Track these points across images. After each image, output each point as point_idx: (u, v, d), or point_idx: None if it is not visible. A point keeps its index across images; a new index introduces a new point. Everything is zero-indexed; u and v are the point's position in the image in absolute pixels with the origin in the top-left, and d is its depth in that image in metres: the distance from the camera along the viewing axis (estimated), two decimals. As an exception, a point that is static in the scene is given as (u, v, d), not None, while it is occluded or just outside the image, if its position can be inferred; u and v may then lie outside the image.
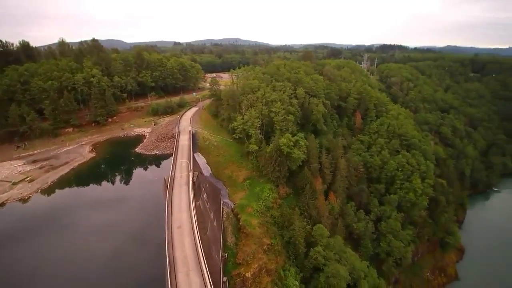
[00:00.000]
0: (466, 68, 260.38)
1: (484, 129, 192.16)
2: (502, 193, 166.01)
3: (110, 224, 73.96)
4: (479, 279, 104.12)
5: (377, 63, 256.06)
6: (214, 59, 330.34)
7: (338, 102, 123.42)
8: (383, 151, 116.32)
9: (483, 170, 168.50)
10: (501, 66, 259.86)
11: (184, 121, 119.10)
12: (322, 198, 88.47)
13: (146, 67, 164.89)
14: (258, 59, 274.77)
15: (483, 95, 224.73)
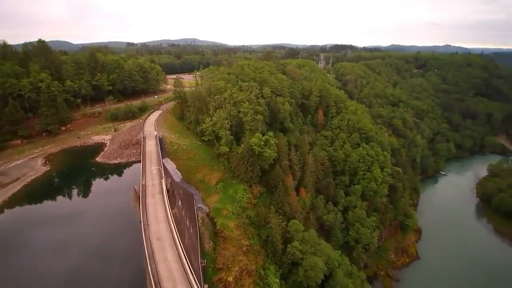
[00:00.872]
0: (411, 65, 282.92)
1: (430, 120, 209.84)
2: (448, 176, 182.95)
3: (67, 241, 67.74)
4: (437, 255, 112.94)
5: (332, 62, 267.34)
6: (173, 60, 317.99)
7: (301, 100, 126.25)
8: (345, 145, 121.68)
9: (431, 156, 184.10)
10: (440, 62, 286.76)
11: (148, 125, 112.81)
12: (293, 194, 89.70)
13: (101, 69, 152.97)
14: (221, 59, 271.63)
15: (426, 89, 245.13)
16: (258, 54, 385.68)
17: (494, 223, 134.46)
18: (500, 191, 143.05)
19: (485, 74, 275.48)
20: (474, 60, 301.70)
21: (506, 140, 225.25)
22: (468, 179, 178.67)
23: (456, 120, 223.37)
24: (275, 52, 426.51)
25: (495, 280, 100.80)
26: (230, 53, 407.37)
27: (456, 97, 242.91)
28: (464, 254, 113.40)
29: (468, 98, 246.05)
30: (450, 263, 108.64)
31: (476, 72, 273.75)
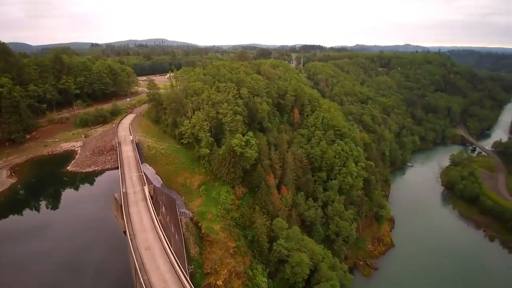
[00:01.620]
0: (376, 64, 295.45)
1: (395, 115, 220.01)
2: (414, 167, 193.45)
3: (36, 255, 62.61)
4: (409, 241, 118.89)
5: (303, 62, 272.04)
6: (143, 61, 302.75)
7: (277, 99, 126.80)
8: (321, 142, 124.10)
9: (398, 149, 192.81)
10: (402, 60, 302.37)
11: (122, 130, 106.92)
12: (275, 192, 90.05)
13: (67, 72, 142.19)
14: (193, 59, 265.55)
15: (391, 86, 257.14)
16: (230, 54, 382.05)
17: (458, 208, 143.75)
18: (463, 179, 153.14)
19: (443, 71, 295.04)
20: (433, 58, 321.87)
21: (464, 131, 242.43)
22: (433, 169, 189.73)
23: (419, 115, 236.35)
24: (247, 52, 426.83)
25: (463, 260, 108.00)
26: (202, 53, 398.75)
27: (418, 93, 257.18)
28: (433, 239, 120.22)
29: (429, 93, 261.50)
30: (421, 248, 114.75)
31: (435, 69, 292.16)
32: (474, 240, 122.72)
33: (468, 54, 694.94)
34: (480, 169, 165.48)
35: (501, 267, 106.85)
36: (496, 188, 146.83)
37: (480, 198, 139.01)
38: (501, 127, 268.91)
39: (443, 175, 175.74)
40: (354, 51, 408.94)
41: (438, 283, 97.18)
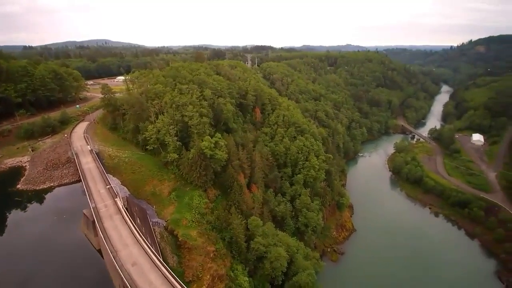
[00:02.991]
0: (324, 63, 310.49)
1: (345, 110, 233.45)
2: (365, 156, 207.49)
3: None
4: (368, 224, 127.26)
5: (257, 62, 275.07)
6: (87, 63, 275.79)
7: (239, 100, 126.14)
8: (284, 139, 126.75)
9: (350, 141, 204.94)
10: (347, 60, 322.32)
11: (77, 140, 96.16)
12: (247, 191, 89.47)
13: (6, 78, 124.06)
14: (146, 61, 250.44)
15: (339, 84, 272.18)
16: (182, 55, 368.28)
17: (405, 190, 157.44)
18: (407, 164, 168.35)
19: (383, 68, 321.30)
20: (373, 57, 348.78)
21: (404, 121, 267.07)
22: (381, 157, 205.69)
23: (365, 109, 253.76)
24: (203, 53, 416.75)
25: (413, 235, 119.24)
26: (153, 54, 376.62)
27: (363, 89, 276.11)
28: (387, 219, 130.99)
29: (371, 89, 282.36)
30: (378, 228, 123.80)
31: (375, 67, 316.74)
32: (421, 217, 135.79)
33: (401, 52, 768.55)
34: (420, 154, 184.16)
35: (446, 238, 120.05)
36: (436, 169, 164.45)
37: (423, 180, 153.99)
38: (434, 116, 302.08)
39: (390, 161, 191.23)
40: (303, 51, 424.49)
41: (395, 258, 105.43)
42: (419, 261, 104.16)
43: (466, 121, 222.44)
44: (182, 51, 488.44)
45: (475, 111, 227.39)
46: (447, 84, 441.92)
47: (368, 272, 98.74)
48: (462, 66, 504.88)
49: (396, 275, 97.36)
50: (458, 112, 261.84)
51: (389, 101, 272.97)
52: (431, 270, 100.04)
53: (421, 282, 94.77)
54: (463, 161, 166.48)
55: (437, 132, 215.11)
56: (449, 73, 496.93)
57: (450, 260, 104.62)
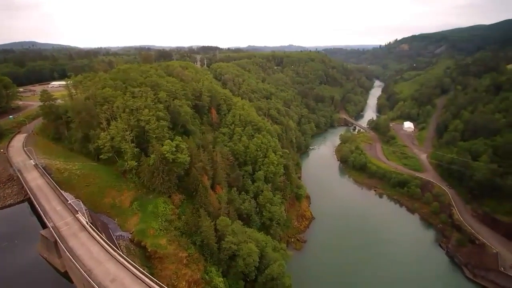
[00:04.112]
0: (271, 63, 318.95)
1: (294, 107, 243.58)
2: (315, 149, 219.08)
3: None
4: (324, 211, 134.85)
5: (207, 63, 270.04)
6: (14, 68, 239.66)
7: (194, 101, 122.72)
8: (242, 138, 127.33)
9: (301, 136, 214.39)
10: (292, 59, 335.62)
11: (17, 154, 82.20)
12: (212, 193, 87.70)
13: None
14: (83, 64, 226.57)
15: (286, 82, 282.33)
16: (123, 56, 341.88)
17: (353, 176, 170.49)
18: (352, 153, 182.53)
19: (324, 66, 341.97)
20: (314, 56, 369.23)
21: (346, 114, 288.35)
22: (329, 148, 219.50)
23: (312, 105, 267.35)
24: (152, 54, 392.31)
25: (363, 215, 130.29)
26: (90, 56, 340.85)
27: (308, 86, 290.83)
28: (340, 203, 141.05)
29: (316, 86, 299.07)
30: (333, 213, 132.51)
31: (317, 65, 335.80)
32: (368, 199, 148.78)
33: (338, 51, 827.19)
34: (362, 143, 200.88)
35: (391, 215, 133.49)
36: (376, 155, 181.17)
37: (367, 166, 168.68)
38: (370, 108, 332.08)
39: (337, 152, 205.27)
40: (249, 52, 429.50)
41: (350, 238, 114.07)
42: (371, 238, 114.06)
43: (397, 111, 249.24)
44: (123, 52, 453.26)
45: (404, 102, 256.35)
46: (379, 79, 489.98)
47: (328, 255, 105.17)
48: (390, 63, 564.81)
49: (353, 253, 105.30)
50: (390, 103, 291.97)
51: (332, 97, 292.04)
52: (382, 245, 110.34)
53: (374, 257, 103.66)
54: (398, 146, 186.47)
55: (374, 122, 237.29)
56: (380, 69, 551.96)
57: (397, 234, 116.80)
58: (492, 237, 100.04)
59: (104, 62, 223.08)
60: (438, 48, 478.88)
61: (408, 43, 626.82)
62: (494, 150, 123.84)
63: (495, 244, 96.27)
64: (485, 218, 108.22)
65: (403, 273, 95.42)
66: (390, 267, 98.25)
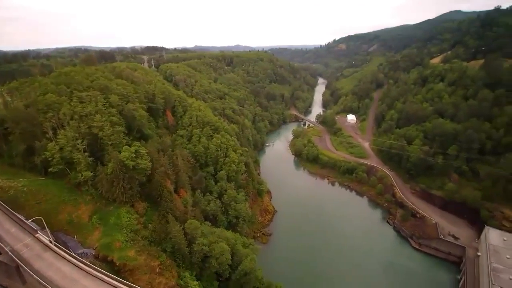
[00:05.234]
0: (222, 63, 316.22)
1: (248, 106, 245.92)
2: (270, 146, 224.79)
3: None
4: (285, 203, 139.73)
5: (154, 64, 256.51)
6: None
7: (148, 104, 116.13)
8: (201, 139, 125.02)
9: (256, 134, 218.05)
10: (241, 59, 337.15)
11: None
12: (177, 197, 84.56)
13: None
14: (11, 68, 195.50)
15: (238, 82, 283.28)
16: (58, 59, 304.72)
17: (307, 168, 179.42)
18: (305, 146, 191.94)
19: (272, 65, 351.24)
20: (263, 56, 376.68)
21: (296, 111, 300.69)
22: (283, 144, 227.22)
23: (264, 103, 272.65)
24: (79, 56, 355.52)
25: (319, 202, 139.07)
26: (19, 60, 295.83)
27: (259, 85, 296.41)
28: (298, 194, 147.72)
29: (266, 85, 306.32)
30: (293, 204, 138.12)
31: (266, 65, 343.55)
32: (322, 187, 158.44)
33: (283, 51, 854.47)
34: (313, 136, 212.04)
35: (343, 200, 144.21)
36: (326, 147, 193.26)
37: (319, 157, 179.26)
38: (317, 103, 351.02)
39: (291, 146, 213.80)
40: (199, 52, 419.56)
41: (310, 225, 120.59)
42: (328, 222, 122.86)
43: (341, 105, 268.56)
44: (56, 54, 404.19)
45: (346, 96, 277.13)
46: (322, 77, 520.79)
47: (292, 243, 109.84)
48: (331, 61, 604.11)
49: (314, 238, 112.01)
50: (334, 98, 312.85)
51: (282, 94, 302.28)
52: (338, 227, 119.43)
53: (332, 238, 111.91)
54: (344, 137, 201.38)
55: (322, 117, 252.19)
56: (322, 67, 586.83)
57: (350, 216, 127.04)
58: (430, 210, 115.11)
59: (37, 65, 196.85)
60: (371, 47, 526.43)
61: (345, 42, 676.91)
62: (425, 134, 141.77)
63: (433, 216, 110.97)
64: (422, 194, 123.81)
65: (358, 250, 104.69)
66: (346, 246, 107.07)
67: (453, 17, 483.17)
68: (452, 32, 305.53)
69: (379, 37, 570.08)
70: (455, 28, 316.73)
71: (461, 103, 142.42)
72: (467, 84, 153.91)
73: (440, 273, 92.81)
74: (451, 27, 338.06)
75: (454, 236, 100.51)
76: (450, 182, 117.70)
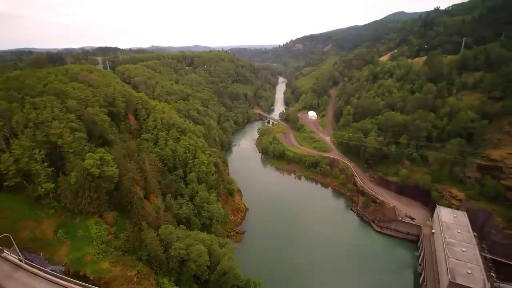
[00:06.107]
0: (182, 63, 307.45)
1: (212, 106, 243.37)
2: (237, 145, 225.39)
3: None
4: (255, 200, 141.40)
5: (110, 65, 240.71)
6: None
7: (108, 108, 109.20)
8: (168, 142, 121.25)
9: (222, 134, 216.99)
10: (202, 59, 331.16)
11: None
12: (147, 203, 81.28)
13: None
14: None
15: (201, 82, 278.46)
16: None
17: (274, 165, 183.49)
18: (271, 143, 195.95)
19: (234, 65, 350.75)
20: (224, 56, 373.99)
21: (259, 109, 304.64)
22: (250, 142, 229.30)
23: (228, 103, 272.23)
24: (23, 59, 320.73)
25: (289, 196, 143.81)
26: None
27: (222, 85, 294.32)
28: (267, 190, 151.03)
29: (229, 85, 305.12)
30: (263, 200, 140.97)
31: (227, 65, 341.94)
32: (290, 182, 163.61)
33: (242, 51, 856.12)
34: (278, 133, 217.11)
35: (310, 192, 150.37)
36: (291, 143, 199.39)
37: (285, 153, 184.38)
38: (279, 102, 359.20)
39: (258, 144, 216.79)
40: (157, 52, 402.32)
41: (281, 218, 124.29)
42: (297, 214, 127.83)
43: (302, 103, 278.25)
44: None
45: (306, 94, 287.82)
46: (282, 76, 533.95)
47: (265, 238, 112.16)
48: (289, 60, 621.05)
49: (285, 230, 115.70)
50: (295, 96, 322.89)
51: (245, 94, 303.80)
52: (307, 217, 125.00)
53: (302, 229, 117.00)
54: (307, 133, 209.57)
55: (285, 114, 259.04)
56: (282, 66, 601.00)
57: (317, 207, 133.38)
58: (388, 195, 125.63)
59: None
60: (326, 47, 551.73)
61: (302, 42, 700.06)
62: (379, 126, 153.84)
63: (391, 200, 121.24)
64: (380, 181, 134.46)
65: (327, 237, 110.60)
66: (315, 235, 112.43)
67: (398, 18, 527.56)
68: (397, 32, 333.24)
69: (332, 37, 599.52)
70: (399, 28, 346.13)
71: (409, 96, 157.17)
72: (413, 79, 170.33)
73: (401, 251, 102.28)
74: (396, 27, 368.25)
75: (410, 217, 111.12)
76: (403, 168, 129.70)
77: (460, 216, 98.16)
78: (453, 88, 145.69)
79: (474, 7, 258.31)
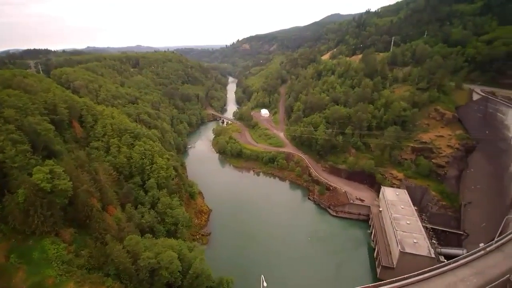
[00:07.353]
0: (127, 65, 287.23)
1: (164, 109, 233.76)
2: (193, 147, 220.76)
3: None
4: (217, 200, 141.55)
5: (43, 69, 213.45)
6: None
7: (50, 116, 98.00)
8: (122, 149, 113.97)
9: (177, 137, 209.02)
10: (148, 60, 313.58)
11: None
12: (107, 215, 75.88)
13: None
14: None
15: (149, 84, 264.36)
16: None
17: (232, 163, 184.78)
18: (227, 143, 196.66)
19: (182, 66, 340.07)
20: (171, 56, 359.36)
21: (212, 110, 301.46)
22: (206, 143, 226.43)
23: (180, 105, 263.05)
24: None
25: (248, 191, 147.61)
26: None
27: (172, 87, 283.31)
28: (228, 189, 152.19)
29: (180, 86, 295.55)
30: (225, 200, 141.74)
31: (176, 65, 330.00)
32: (249, 179, 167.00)
33: (189, 51, 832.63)
34: (233, 133, 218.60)
35: (270, 187, 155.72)
36: (247, 141, 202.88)
37: (242, 151, 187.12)
38: (231, 101, 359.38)
39: (214, 145, 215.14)
40: (96, 53, 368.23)
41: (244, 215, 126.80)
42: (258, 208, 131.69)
43: (254, 101, 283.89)
44: None
45: (257, 93, 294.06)
46: (232, 76, 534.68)
47: (231, 237, 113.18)
48: (237, 60, 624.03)
49: (249, 225, 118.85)
50: (246, 95, 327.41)
51: (197, 95, 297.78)
52: (268, 210, 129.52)
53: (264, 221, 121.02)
54: (262, 130, 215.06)
55: (238, 113, 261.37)
56: (231, 66, 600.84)
57: (277, 199, 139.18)
58: (339, 181, 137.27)
59: None
60: (271, 47, 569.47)
61: (248, 42, 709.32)
62: (326, 119, 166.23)
63: (343, 186, 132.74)
64: (332, 170, 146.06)
65: (288, 227, 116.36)
66: (277, 226, 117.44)
67: (335, 19, 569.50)
68: (335, 33, 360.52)
69: (277, 37, 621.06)
70: (337, 29, 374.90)
71: (350, 91, 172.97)
72: (352, 75, 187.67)
73: (356, 231, 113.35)
74: (333, 28, 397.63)
75: (360, 199, 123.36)
76: (350, 156, 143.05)
77: (401, 193, 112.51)
78: (387, 82, 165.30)
79: (400, 9, 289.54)
